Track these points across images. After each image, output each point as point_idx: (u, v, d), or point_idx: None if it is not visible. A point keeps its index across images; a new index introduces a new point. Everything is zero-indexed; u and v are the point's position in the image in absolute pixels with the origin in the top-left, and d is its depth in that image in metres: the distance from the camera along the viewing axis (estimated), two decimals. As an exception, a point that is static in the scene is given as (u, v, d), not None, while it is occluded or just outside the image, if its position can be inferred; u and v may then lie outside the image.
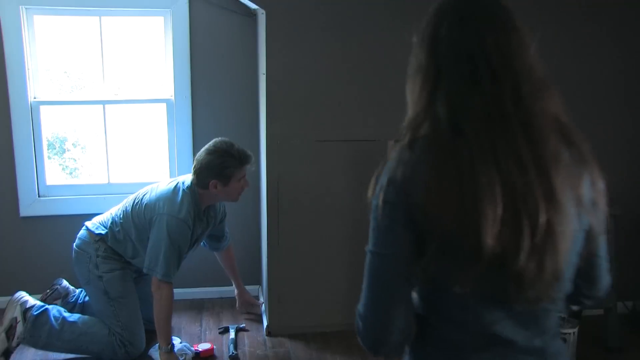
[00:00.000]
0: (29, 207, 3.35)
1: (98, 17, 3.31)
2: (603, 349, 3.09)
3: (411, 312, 1.10)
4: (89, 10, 3.26)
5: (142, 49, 3.45)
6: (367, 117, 3.02)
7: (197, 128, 3.38)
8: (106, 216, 2.96)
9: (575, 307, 1.32)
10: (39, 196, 3.37)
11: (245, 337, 3.18)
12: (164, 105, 3.43)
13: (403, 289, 1.08)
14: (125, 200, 2.95)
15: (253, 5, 2.99)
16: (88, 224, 2.95)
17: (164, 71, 3.41)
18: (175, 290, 3.52)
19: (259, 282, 3.66)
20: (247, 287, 3.67)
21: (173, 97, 3.38)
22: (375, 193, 1.06)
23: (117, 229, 2.87)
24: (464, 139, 1.00)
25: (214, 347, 3.02)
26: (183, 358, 2.87)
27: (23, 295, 2.92)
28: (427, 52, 1.09)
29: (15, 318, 2.79)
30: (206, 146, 2.82)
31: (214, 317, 3.40)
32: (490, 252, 0.97)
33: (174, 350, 2.82)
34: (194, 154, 3.41)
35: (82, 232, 2.94)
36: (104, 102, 3.39)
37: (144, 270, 2.80)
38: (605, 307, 3.10)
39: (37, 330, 2.80)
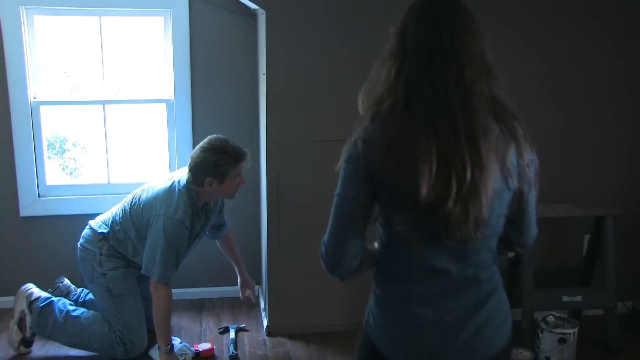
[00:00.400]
0: (29, 207, 3.35)
1: (98, 17, 3.31)
2: (603, 349, 3.09)
3: (362, 244, 1.39)
4: (89, 10, 3.26)
5: (142, 49, 3.45)
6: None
7: (197, 128, 3.38)
8: (108, 215, 2.96)
9: (510, 254, 1.56)
10: (39, 196, 3.37)
11: (245, 337, 3.18)
12: (164, 105, 3.43)
13: (358, 225, 1.38)
14: (124, 199, 2.95)
15: (253, 5, 2.99)
16: (92, 222, 2.96)
17: (164, 71, 3.41)
18: (175, 290, 3.52)
19: (259, 282, 3.66)
20: (247, 287, 3.68)
21: (173, 97, 3.38)
22: (344, 153, 1.38)
23: (117, 228, 2.87)
24: (412, 112, 1.26)
25: (214, 347, 3.02)
26: (183, 358, 2.87)
27: (30, 287, 3.00)
28: (397, 41, 1.33)
29: (23, 311, 2.91)
30: (201, 143, 2.79)
31: (214, 317, 3.40)
32: (425, 200, 1.23)
33: (173, 351, 2.82)
34: (194, 154, 3.42)
35: (86, 230, 2.96)
36: (104, 102, 3.40)
37: (142, 272, 2.80)
38: (605, 307, 3.10)
39: (43, 320, 2.89)
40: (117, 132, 3.45)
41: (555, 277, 3.35)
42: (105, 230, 2.89)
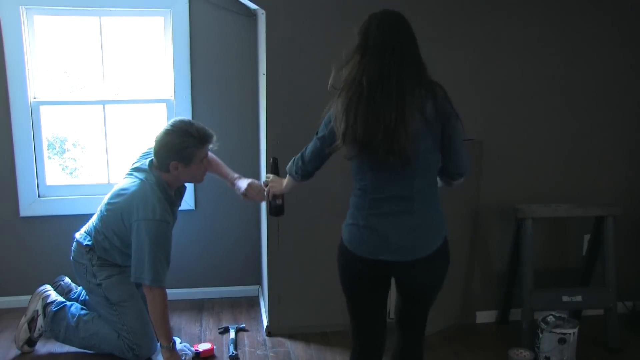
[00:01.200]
0: (29, 207, 3.35)
1: (98, 17, 3.31)
2: (603, 349, 3.09)
3: (319, 165, 2.16)
4: (89, 10, 3.26)
5: (142, 49, 3.45)
6: (367, 117, 3.02)
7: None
8: (90, 225, 2.92)
9: (453, 181, 2.06)
10: (39, 196, 3.37)
11: (245, 337, 3.18)
12: (164, 105, 3.43)
13: (321, 154, 2.09)
14: (100, 205, 2.88)
15: (253, 5, 2.99)
16: (77, 235, 2.93)
17: (164, 71, 3.41)
18: (175, 290, 3.54)
19: (259, 282, 3.66)
20: (247, 287, 3.68)
21: (173, 97, 3.38)
22: (325, 117, 2.04)
23: (101, 238, 2.82)
24: (362, 87, 1.85)
25: (214, 347, 3.02)
26: (183, 358, 2.87)
27: (47, 289, 3.01)
28: (360, 40, 1.91)
29: (37, 311, 2.93)
30: (164, 126, 2.73)
31: (214, 317, 3.40)
32: (361, 138, 1.85)
33: (175, 348, 2.81)
34: (194, 154, 3.42)
35: (73, 244, 2.94)
36: (104, 102, 3.40)
37: (132, 280, 2.75)
38: (605, 307, 3.10)
39: (57, 325, 2.90)
40: (117, 132, 3.45)
41: (555, 277, 3.36)
42: (90, 242, 2.84)
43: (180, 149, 2.68)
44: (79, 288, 3.15)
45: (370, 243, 1.96)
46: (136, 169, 2.85)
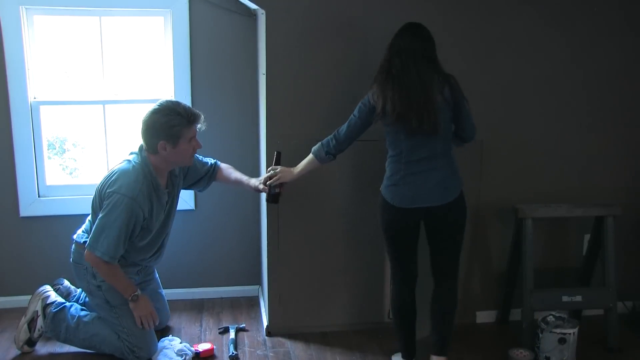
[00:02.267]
0: (29, 207, 3.35)
1: (98, 17, 3.31)
2: (603, 349, 3.09)
3: (352, 142, 2.66)
4: (89, 10, 3.26)
5: (142, 49, 3.45)
6: (367, 117, 3.02)
7: (197, 128, 3.37)
8: (86, 223, 2.92)
9: (463, 142, 2.68)
10: (39, 196, 3.37)
11: (245, 337, 3.18)
12: (164, 105, 3.42)
13: (359, 131, 2.62)
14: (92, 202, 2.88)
15: (253, 5, 2.99)
16: (75, 236, 2.92)
17: (164, 71, 3.41)
18: (175, 290, 3.55)
19: (259, 282, 3.66)
20: (247, 287, 3.68)
21: (173, 97, 3.38)
22: (364, 99, 2.59)
23: None
24: (393, 75, 2.48)
25: (214, 347, 3.02)
26: (183, 358, 2.87)
27: (47, 290, 3.00)
28: (389, 49, 2.52)
29: (36, 312, 2.92)
30: (151, 107, 2.72)
31: (214, 317, 3.40)
32: (399, 109, 2.44)
33: (138, 298, 2.79)
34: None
35: (72, 246, 2.93)
36: (104, 102, 3.39)
37: (86, 247, 2.71)
38: (605, 307, 3.10)
39: (57, 326, 2.90)
40: (117, 132, 3.45)
41: (555, 277, 3.36)
42: (87, 239, 2.81)
43: (167, 128, 2.66)
44: (79, 291, 3.15)
45: (409, 196, 2.54)
46: (130, 153, 2.85)
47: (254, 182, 3.01)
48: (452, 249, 2.68)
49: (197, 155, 3.02)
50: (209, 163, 3.11)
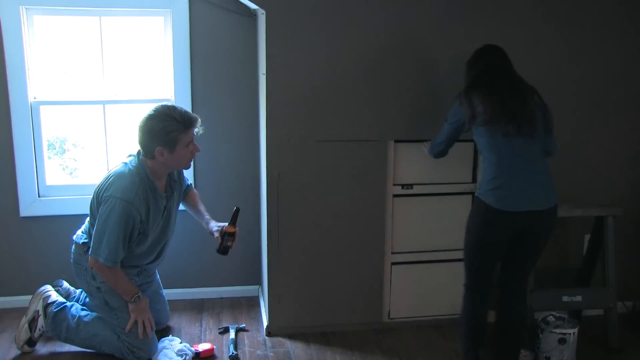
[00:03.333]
0: (29, 207, 3.35)
1: (98, 17, 3.31)
2: (603, 349, 3.09)
3: (450, 146, 2.85)
4: (89, 10, 3.26)
5: (142, 49, 3.45)
6: (367, 117, 3.02)
7: (197, 128, 3.37)
8: (85, 224, 2.92)
9: (547, 156, 2.64)
10: (39, 196, 3.37)
11: (245, 337, 3.18)
12: (164, 105, 3.42)
13: (457, 137, 2.76)
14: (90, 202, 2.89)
15: (253, 5, 2.99)
16: (74, 237, 2.93)
17: (164, 71, 3.41)
18: (175, 290, 3.54)
19: (259, 282, 3.66)
20: (247, 287, 3.68)
21: (173, 97, 3.38)
22: (454, 108, 2.67)
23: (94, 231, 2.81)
24: (488, 86, 2.57)
25: (214, 347, 3.02)
26: (183, 358, 2.87)
27: (48, 290, 3.01)
28: (471, 64, 2.71)
29: (37, 311, 2.93)
30: (147, 113, 2.71)
31: (214, 317, 3.40)
32: (496, 118, 2.48)
33: (139, 300, 2.80)
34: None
35: (72, 247, 2.94)
36: (104, 102, 3.39)
37: (89, 254, 2.72)
38: (605, 307, 3.10)
39: (58, 325, 2.90)
40: (117, 132, 3.45)
41: (555, 277, 3.35)
42: (86, 240, 2.83)
43: (163, 134, 2.65)
44: (78, 292, 3.15)
45: (515, 198, 2.47)
46: (128, 155, 2.85)
47: (213, 225, 3.04)
48: (533, 262, 2.65)
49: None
50: (187, 183, 3.15)
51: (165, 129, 2.65)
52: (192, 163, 2.90)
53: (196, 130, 2.76)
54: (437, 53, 3.02)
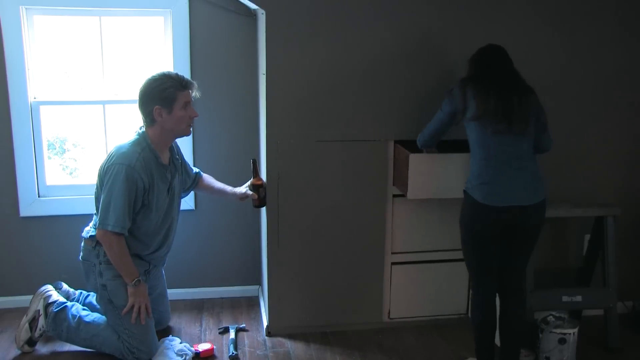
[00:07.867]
0: (29, 207, 3.35)
1: (98, 17, 3.31)
2: (603, 349, 3.09)
3: (440, 138, 2.81)
4: (89, 10, 3.26)
5: (142, 49, 3.45)
6: (367, 117, 3.02)
7: (197, 128, 3.37)
8: (93, 220, 2.92)
9: (540, 152, 2.69)
10: (39, 196, 3.37)
11: (245, 337, 3.18)
12: (164, 105, 3.42)
13: (444, 130, 2.74)
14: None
15: (253, 5, 2.99)
16: (83, 233, 2.93)
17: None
18: (175, 290, 3.54)
19: (259, 282, 3.66)
20: (247, 287, 3.68)
21: (173, 97, 3.38)
22: (447, 94, 2.68)
23: None
24: (475, 79, 2.63)
25: (214, 347, 3.02)
26: (183, 358, 2.87)
27: (49, 289, 3.01)
28: (473, 61, 2.69)
29: (38, 311, 2.94)
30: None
31: (214, 317, 3.40)
32: (488, 114, 2.51)
33: (139, 284, 2.80)
34: (194, 154, 3.43)
35: (81, 243, 2.94)
36: (104, 102, 3.39)
37: (97, 225, 2.73)
38: (605, 307, 3.10)
39: (58, 325, 2.91)
40: (117, 132, 3.45)
41: (555, 277, 3.36)
42: (94, 233, 2.83)
43: (159, 91, 2.71)
44: (77, 293, 3.16)
45: (502, 193, 2.52)
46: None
47: (240, 188, 3.11)
48: (525, 258, 2.67)
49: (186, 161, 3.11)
50: (194, 171, 3.17)
51: (161, 86, 2.72)
52: (191, 129, 2.91)
53: (193, 94, 2.81)
54: (437, 53, 3.02)
